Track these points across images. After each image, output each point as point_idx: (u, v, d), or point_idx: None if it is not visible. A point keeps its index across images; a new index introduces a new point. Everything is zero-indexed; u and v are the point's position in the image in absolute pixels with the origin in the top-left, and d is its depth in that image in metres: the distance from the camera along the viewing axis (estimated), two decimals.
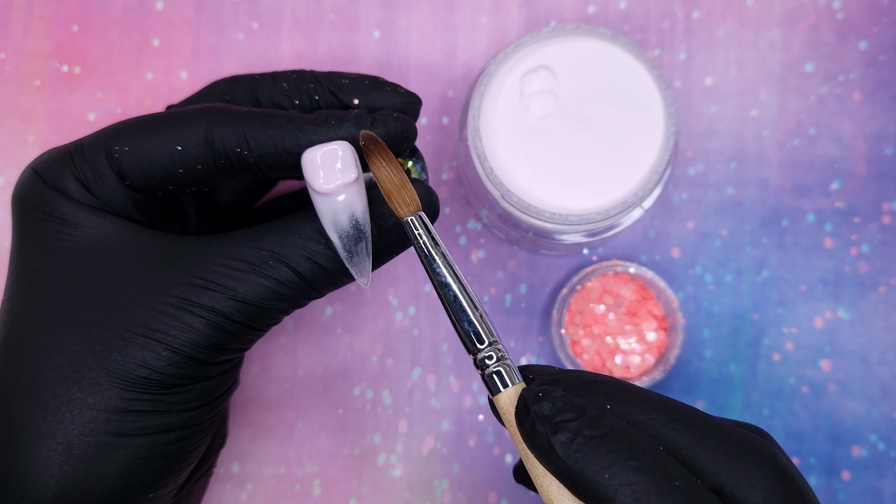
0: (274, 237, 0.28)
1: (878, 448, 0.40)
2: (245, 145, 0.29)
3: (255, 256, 0.28)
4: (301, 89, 0.32)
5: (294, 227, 0.29)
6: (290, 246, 0.28)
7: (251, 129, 0.29)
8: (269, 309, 0.28)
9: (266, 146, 0.29)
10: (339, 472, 0.41)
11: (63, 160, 0.30)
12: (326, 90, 0.31)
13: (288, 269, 0.28)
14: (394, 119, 0.29)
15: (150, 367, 0.27)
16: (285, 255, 0.28)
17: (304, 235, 0.28)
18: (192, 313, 0.27)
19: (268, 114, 0.29)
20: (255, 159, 0.29)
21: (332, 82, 0.32)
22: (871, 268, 0.41)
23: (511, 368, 0.27)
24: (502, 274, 0.42)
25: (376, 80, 0.32)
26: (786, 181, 0.42)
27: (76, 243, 0.29)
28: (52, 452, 0.27)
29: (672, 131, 0.34)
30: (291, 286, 0.28)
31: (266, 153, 0.29)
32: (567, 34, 0.35)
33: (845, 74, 0.42)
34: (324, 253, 0.28)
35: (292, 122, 0.29)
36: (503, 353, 0.27)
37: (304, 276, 0.28)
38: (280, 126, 0.29)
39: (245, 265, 0.28)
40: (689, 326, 0.41)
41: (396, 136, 0.29)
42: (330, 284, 0.29)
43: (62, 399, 0.27)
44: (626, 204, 0.34)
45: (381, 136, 0.29)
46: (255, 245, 0.28)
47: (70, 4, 0.42)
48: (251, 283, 0.28)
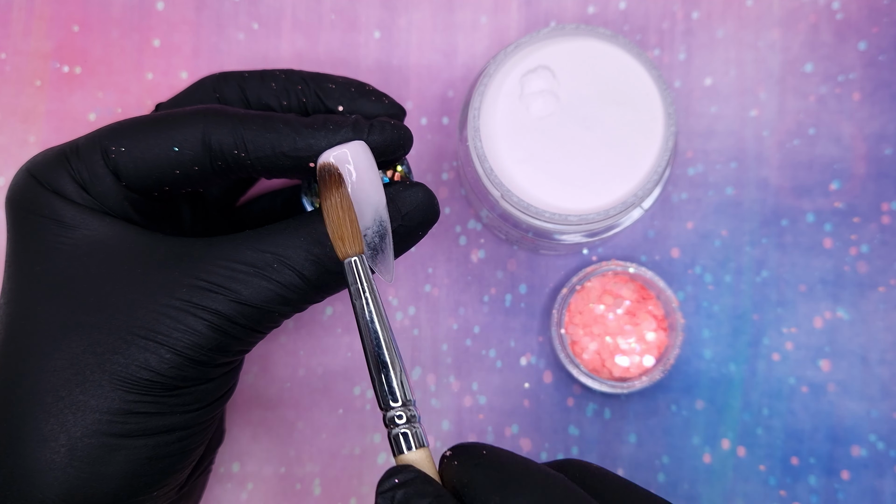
0: (278, 239, 0.28)
1: (877, 448, 0.40)
2: (242, 147, 0.29)
3: (259, 259, 0.28)
4: (289, 90, 0.32)
5: (299, 230, 0.28)
6: (296, 249, 0.28)
7: (249, 132, 0.29)
8: (272, 312, 0.28)
9: (264, 149, 0.29)
10: (340, 471, 0.41)
11: (59, 161, 0.29)
12: (313, 92, 0.31)
13: (292, 272, 0.28)
14: (391, 126, 0.29)
15: (152, 369, 0.27)
16: (290, 259, 0.28)
17: (309, 238, 0.28)
18: (194, 315, 0.27)
19: (265, 116, 0.29)
20: (252, 161, 0.29)
21: (319, 86, 0.32)
22: (871, 268, 0.41)
23: (417, 433, 0.27)
24: (502, 274, 0.42)
25: (363, 87, 0.32)
26: (785, 181, 0.42)
27: (75, 245, 0.29)
28: (55, 455, 0.27)
29: (672, 131, 0.34)
30: (295, 289, 0.28)
31: (263, 156, 0.29)
32: (567, 34, 0.35)
33: (845, 74, 0.42)
34: (330, 255, 0.28)
35: (290, 126, 0.29)
36: (414, 414, 0.27)
37: (309, 280, 0.28)
38: (278, 129, 0.29)
39: (248, 268, 0.28)
40: (688, 326, 0.41)
41: (393, 144, 0.29)
42: (334, 288, 0.29)
43: (64, 402, 0.27)
44: (626, 204, 0.34)
45: (377, 143, 0.29)
46: (259, 247, 0.28)
47: (70, 5, 0.42)
48: (254, 285, 0.28)
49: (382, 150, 0.29)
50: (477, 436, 0.41)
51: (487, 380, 0.41)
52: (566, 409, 0.41)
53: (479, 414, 0.41)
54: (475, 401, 0.41)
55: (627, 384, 0.39)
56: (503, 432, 0.41)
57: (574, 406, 0.41)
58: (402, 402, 0.27)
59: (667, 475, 0.41)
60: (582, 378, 0.40)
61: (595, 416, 0.41)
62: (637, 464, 0.41)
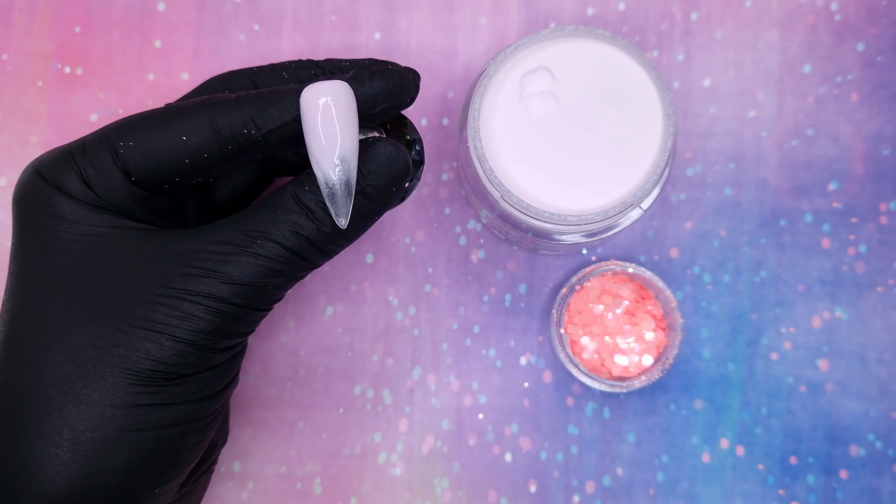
0: (258, 217, 0.29)
1: (875, 447, 0.41)
2: (251, 125, 0.29)
3: (243, 238, 0.28)
4: (302, 77, 0.32)
5: (276, 204, 0.29)
6: (275, 223, 0.29)
7: (254, 108, 0.29)
8: (266, 286, 0.29)
9: (273, 120, 0.29)
10: (340, 471, 0.41)
11: (65, 158, 0.30)
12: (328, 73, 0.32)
13: (275, 244, 0.28)
14: (390, 70, 0.29)
15: (155, 358, 0.27)
16: (271, 233, 0.28)
17: (285, 210, 0.29)
18: (189, 301, 0.28)
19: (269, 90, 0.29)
20: (263, 136, 0.29)
21: (333, 66, 0.32)
22: (869, 268, 0.41)
23: None
24: (502, 274, 0.42)
25: (375, 61, 0.32)
26: (784, 181, 0.42)
27: (73, 240, 0.29)
28: (58, 449, 0.27)
29: (671, 132, 0.34)
30: (282, 261, 0.29)
31: (274, 127, 0.29)
32: (566, 36, 0.35)
33: (843, 75, 0.42)
34: (307, 224, 0.29)
35: (294, 92, 0.29)
36: None
37: (293, 250, 0.29)
38: (282, 98, 0.29)
39: (234, 248, 0.28)
40: (687, 326, 0.41)
41: (397, 86, 0.29)
42: (321, 254, 0.30)
43: (67, 396, 0.27)
44: (625, 204, 0.34)
45: (381, 88, 0.29)
46: (241, 227, 0.29)
47: (72, 5, 0.42)
48: (242, 263, 0.28)
49: (387, 94, 0.29)
50: (477, 435, 0.41)
51: (487, 379, 0.41)
52: (566, 408, 0.41)
53: (479, 413, 0.41)
54: (475, 400, 0.41)
55: (626, 384, 0.40)
56: (503, 432, 0.41)
57: (573, 405, 0.41)
58: None
59: (666, 474, 0.41)
60: (581, 378, 0.40)
61: (594, 416, 0.41)
62: (636, 463, 0.41)
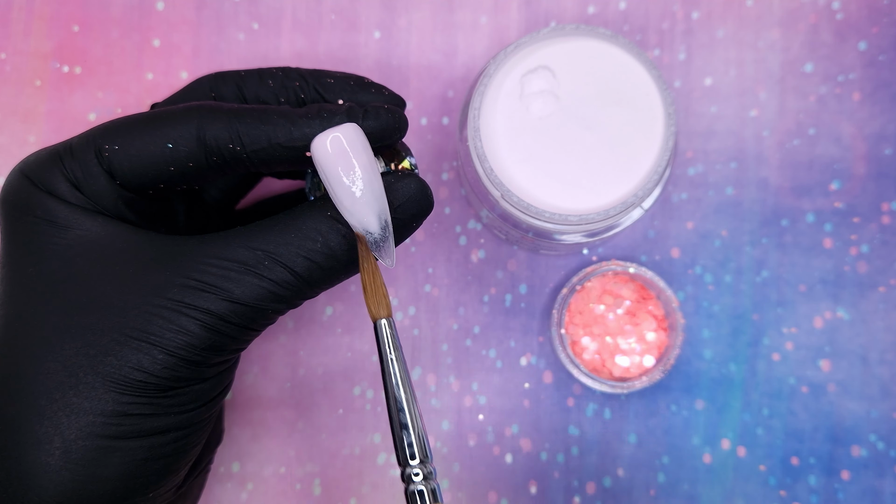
0: (269, 236, 0.28)
1: (877, 448, 0.40)
2: (238, 141, 0.28)
3: (250, 257, 0.28)
4: (287, 87, 0.31)
5: (290, 226, 0.28)
6: (287, 245, 0.28)
7: (243, 125, 0.28)
8: (265, 309, 0.28)
9: (259, 141, 0.28)
10: (340, 471, 0.41)
11: (52, 161, 0.29)
12: (312, 88, 0.31)
13: (284, 269, 0.28)
14: (385, 111, 0.29)
15: (145, 370, 0.27)
16: (281, 255, 0.28)
17: (300, 234, 0.28)
18: (186, 315, 0.27)
19: (259, 109, 0.29)
20: (248, 154, 0.29)
21: (318, 81, 0.31)
22: (871, 268, 0.41)
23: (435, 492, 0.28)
24: (502, 274, 0.42)
25: (361, 80, 0.32)
26: (785, 181, 0.42)
27: (68, 246, 0.28)
28: (49, 458, 0.27)
29: (672, 131, 0.34)
30: (287, 286, 0.28)
31: (259, 148, 0.29)
32: (567, 34, 0.35)
33: (845, 75, 0.42)
34: (321, 251, 0.28)
35: (284, 116, 0.29)
36: (431, 471, 0.28)
37: (302, 276, 0.28)
38: (272, 120, 0.28)
39: (239, 266, 0.28)
40: (688, 326, 0.41)
41: (388, 129, 0.29)
42: (327, 283, 0.29)
43: (58, 404, 0.27)
44: (626, 204, 0.34)
45: (373, 128, 0.29)
46: (250, 245, 0.28)
47: (70, 5, 0.42)
48: (246, 283, 0.28)
49: (378, 135, 0.29)
50: (477, 436, 0.41)
51: (487, 380, 0.41)
52: (566, 409, 0.41)
53: (479, 414, 0.41)
54: (475, 401, 0.41)
55: (627, 384, 0.39)
56: (503, 432, 0.41)
57: (574, 406, 0.41)
58: (419, 460, 0.28)
59: (667, 475, 0.41)
60: (582, 378, 0.40)
61: (595, 417, 0.41)
62: (637, 464, 0.41)
